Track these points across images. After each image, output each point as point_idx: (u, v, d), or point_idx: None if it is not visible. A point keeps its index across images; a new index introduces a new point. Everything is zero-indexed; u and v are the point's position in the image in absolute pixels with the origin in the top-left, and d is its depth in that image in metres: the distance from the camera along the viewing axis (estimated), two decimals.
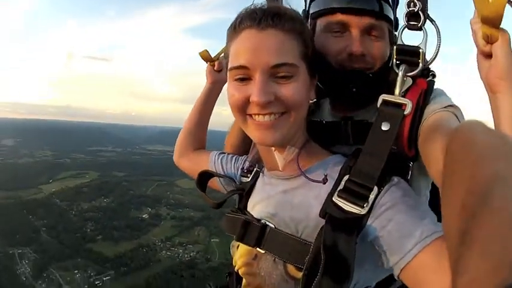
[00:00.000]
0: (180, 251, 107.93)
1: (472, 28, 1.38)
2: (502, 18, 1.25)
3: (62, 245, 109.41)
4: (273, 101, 1.34)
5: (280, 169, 1.60)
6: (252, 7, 1.44)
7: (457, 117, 1.41)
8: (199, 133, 2.37)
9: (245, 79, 1.37)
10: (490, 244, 0.65)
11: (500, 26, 1.28)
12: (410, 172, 1.55)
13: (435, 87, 1.55)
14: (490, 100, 1.39)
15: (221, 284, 1.98)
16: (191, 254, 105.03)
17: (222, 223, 1.77)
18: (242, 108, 1.41)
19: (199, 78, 2.04)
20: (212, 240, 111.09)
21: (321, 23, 1.66)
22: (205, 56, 2.29)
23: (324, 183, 1.44)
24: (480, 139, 0.90)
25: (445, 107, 1.43)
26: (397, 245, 1.22)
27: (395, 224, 1.24)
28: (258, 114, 1.39)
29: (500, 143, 0.87)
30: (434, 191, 1.71)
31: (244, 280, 1.69)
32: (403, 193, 1.32)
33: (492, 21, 1.27)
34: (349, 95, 1.65)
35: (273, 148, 1.55)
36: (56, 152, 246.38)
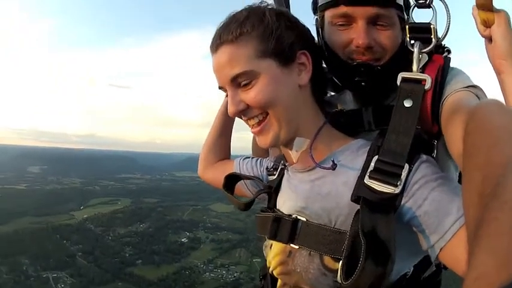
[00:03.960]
0: (224, 272, 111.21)
1: (473, 15, 1.50)
2: (491, 0, 1.35)
3: (100, 269, 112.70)
4: (246, 108, 1.50)
5: (294, 162, 1.64)
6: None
7: (478, 98, 1.42)
8: (223, 143, 2.43)
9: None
10: (498, 241, 0.69)
11: (497, 8, 1.40)
12: (435, 151, 1.57)
13: (453, 66, 1.57)
14: (498, 81, 1.50)
15: None
16: (235, 275, 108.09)
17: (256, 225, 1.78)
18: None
19: (220, 102, 2.36)
20: (254, 260, 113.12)
21: (327, 15, 1.67)
22: None
23: (333, 169, 1.45)
24: (496, 121, 0.94)
25: (466, 87, 1.44)
26: (435, 224, 1.23)
27: (431, 202, 1.25)
28: (246, 121, 1.58)
29: None
30: None
31: (279, 281, 1.69)
32: (433, 169, 1.34)
33: (485, 5, 1.37)
34: (359, 89, 1.70)
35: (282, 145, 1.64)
36: (84, 179, 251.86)
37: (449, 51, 1.61)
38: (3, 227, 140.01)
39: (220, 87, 1.58)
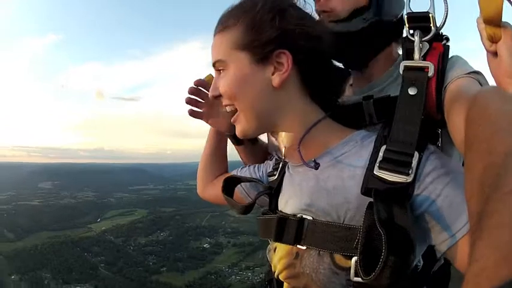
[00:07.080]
0: (249, 274, 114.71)
1: (478, 29, 1.44)
2: (501, 16, 1.30)
3: (125, 279, 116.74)
4: (220, 95, 1.50)
5: (283, 156, 1.60)
6: None
7: (480, 84, 1.41)
8: (218, 160, 2.30)
9: None
10: (500, 233, 0.68)
11: (504, 22, 1.34)
12: (440, 139, 1.54)
13: (453, 53, 1.55)
14: None
15: None
16: (261, 276, 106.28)
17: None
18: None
19: None
20: None
21: None
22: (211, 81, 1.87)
23: (316, 169, 1.43)
24: (497, 109, 0.93)
25: (468, 73, 1.41)
26: (447, 222, 1.20)
27: (444, 198, 1.21)
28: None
29: None
30: None
31: (285, 286, 1.58)
32: (443, 162, 1.29)
33: (492, 21, 1.33)
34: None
35: (273, 138, 1.66)
36: (97, 192, 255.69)
37: (447, 39, 1.55)
38: (21, 243, 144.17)
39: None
